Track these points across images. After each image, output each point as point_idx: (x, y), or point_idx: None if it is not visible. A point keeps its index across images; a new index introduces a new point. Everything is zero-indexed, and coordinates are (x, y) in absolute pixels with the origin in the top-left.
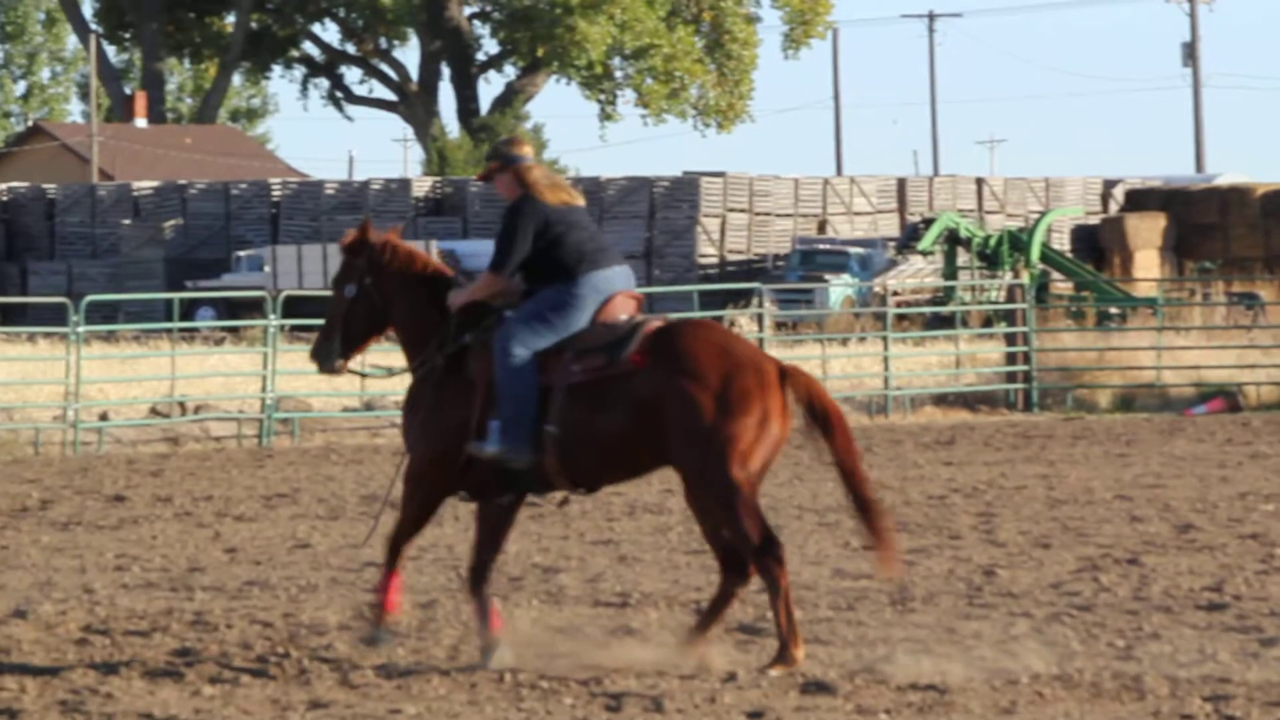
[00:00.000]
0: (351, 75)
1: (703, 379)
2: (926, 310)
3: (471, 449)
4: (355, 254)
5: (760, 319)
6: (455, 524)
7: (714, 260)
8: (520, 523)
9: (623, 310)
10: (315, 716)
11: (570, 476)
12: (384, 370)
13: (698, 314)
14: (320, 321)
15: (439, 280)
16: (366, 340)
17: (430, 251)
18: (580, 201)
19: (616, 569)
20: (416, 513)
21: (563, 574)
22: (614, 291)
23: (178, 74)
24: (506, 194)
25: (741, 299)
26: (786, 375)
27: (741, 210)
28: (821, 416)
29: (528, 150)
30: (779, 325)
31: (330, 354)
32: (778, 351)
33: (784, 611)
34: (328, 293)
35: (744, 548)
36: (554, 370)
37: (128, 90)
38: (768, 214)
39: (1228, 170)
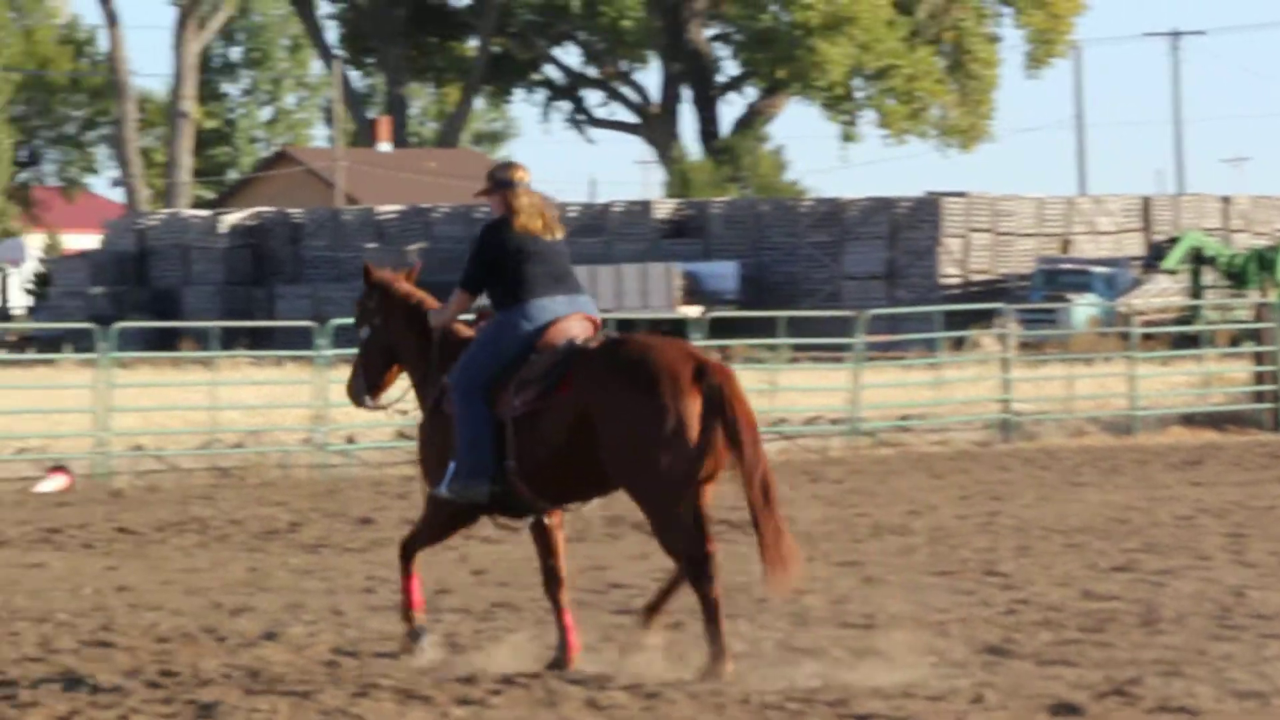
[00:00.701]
0: (593, 98)
1: (617, 397)
2: (1172, 329)
3: (434, 493)
4: (365, 297)
5: (1004, 339)
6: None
7: (957, 280)
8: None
9: (568, 335)
10: None
11: (548, 499)
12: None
13: (939, 334)
14: None
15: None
16: (385, 377)
17: (672, 275)
18: (558, 234)
19: (862, 590)
20: (431, 531)
21: (808, 595)
22: (550, 318)
23: (420, 98)
24: (496, 213)
25: (984, 319)
26: (703, 376)
27: (984, 230)
28: (730, 421)
29: (521, 175)
30: (1023, 345)
31: (359, 391)
32: (1021, 372)
33: (716, 625)
34: None
35: (671, 557)
36: (502, 404)
37: (371, 115)
38: (1011, 234)
39: None
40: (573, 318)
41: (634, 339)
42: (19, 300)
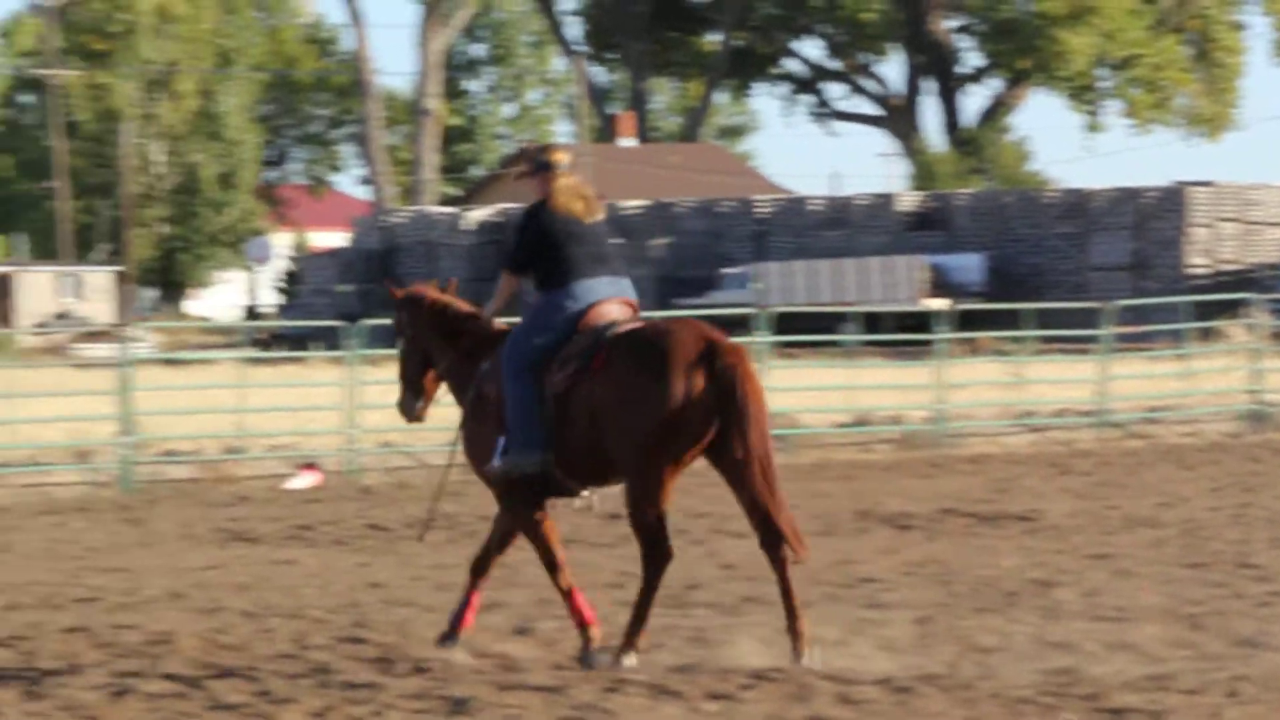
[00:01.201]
0: (835, 91)
1: (624, 378)
2: None
3: (485, 469)
4: (397, 311)
5: (1253, 329)
6: (949, 539)
7: (1204, 270)
8: (1014, 537)
9: (609, 318)
10: None
11: (576, 478)
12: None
13: (1187, 325)
14: (806, 338)
15: (465, 318)
16: (426, 386)
17: (917, 268)
18: (599, 215)
19: (1114, 583)
20: (533, 534)
21: (1060, 589)
22: (595, 299)
23: (663, 93)
24: (536, 196)
25: (1233, 309)
26: (714, 357)
27: (1232, 219)
28: (738, 402)
29: (560, 158)
30: (1273, 335)
31: (409, 405)
32: (1272, 362)
33: (645, 608)
34: (814, 309)
35: (635, 532)
36: (548, 380)
37: (614, 110)
38: (1259, 223)
39: None
40: (614, 300)
41: (653, 323)
42: (268, 298)
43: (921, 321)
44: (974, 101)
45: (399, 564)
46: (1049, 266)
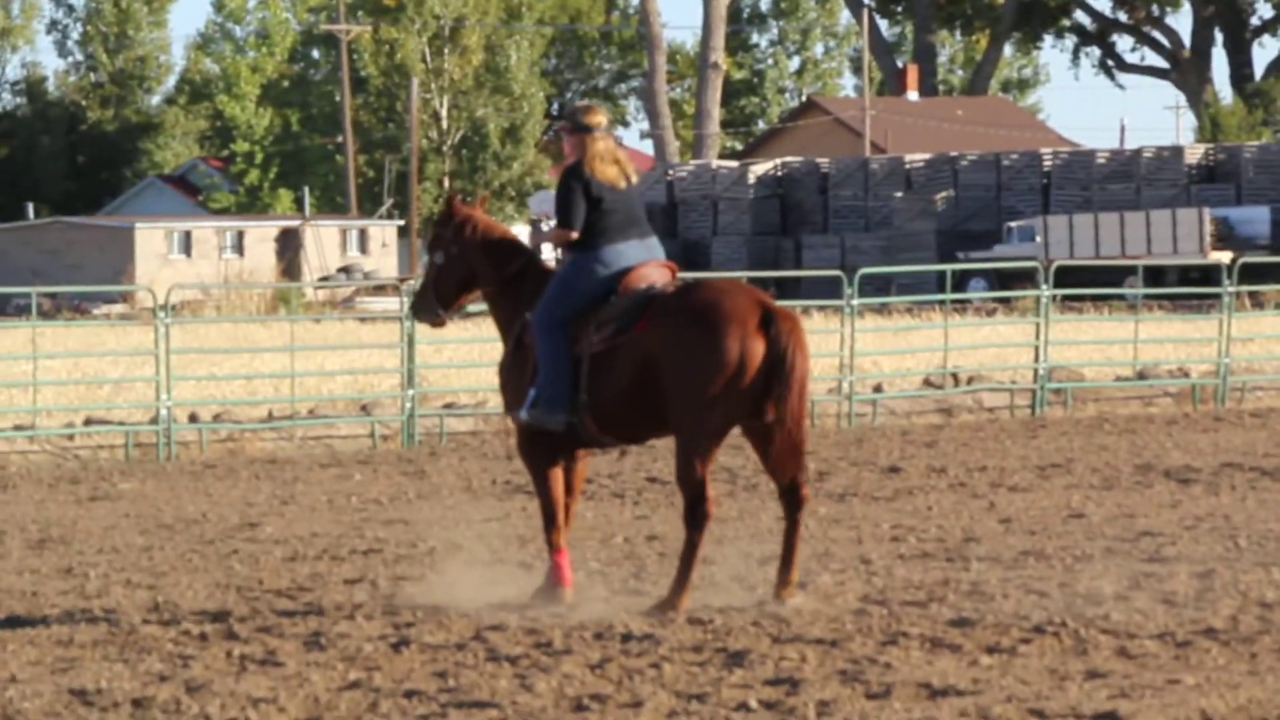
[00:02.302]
0: (1123, 43)
1: (685, 335)
2: None
3: (511, 416)
4: (442, 226)
5: None
6: (1232, 493)
7: None
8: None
9: (649, 280)
10: (1093, 686)
11: (612, 436)
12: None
13: None
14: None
15: (515, 247)
16: (455, 301)
17: (1203, 220)
18: (632, 179)
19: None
20: (542, 484)
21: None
22: (626, 264)
23: (949, 46)
24: (570, 156)
25: None
26: (769, 323)
27: None
28: (786, 369)
29: (599, 120)
30: None
31: (429, 308)
32: None
33: (688, 567)
34: (1099, 262)
35: (683, 494)
36: (581, 341)
37: (899, 63)
38: None
39: None
40: (651, 264)
41: (708, 283)
42: (548, 253)
43: (1206, 274)
44: (1264, 54)
45: (676, 516)
46: None
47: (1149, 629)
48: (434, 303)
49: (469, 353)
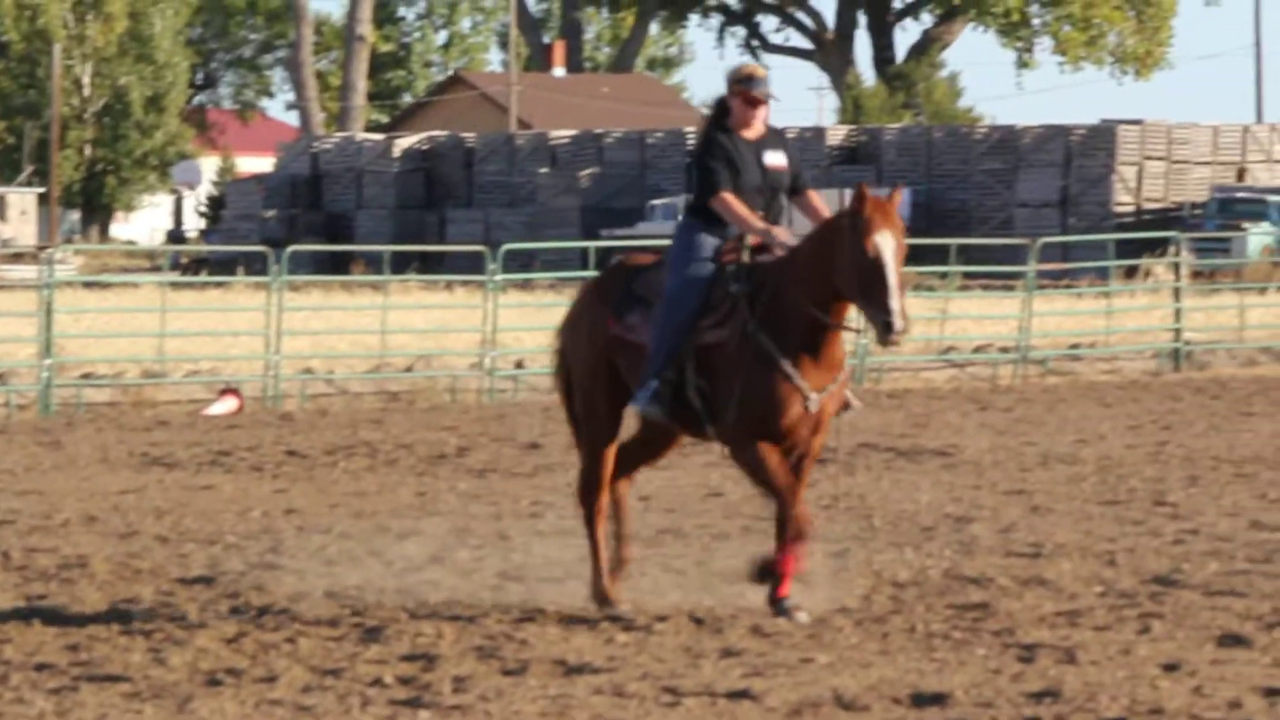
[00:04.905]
0: (768, 23)
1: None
2: None
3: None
4: None
5: (1177, 268)
6: (867, 473)
7: (1130, 209)
8: (932, 473)
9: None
10: (727, 664)
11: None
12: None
13: (1111, 263)
14: None
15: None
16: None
17: (844, 202)
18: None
19: (1029, 519)
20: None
21: (975, 524)
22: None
23: (595, 23)
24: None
25: (1157, 248)
26: None
27: (1159, 158)
28: None
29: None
30: (1195, 274)
31: None
32: (1193, 301)
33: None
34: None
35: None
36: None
37: (546, 39)
38: (1185, 162)
39: None
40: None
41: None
42: (193, 223)
43: None
44: (906, 37)
45: (316, 491)
46: (977, 203)
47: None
48: None
49: (107, 323)
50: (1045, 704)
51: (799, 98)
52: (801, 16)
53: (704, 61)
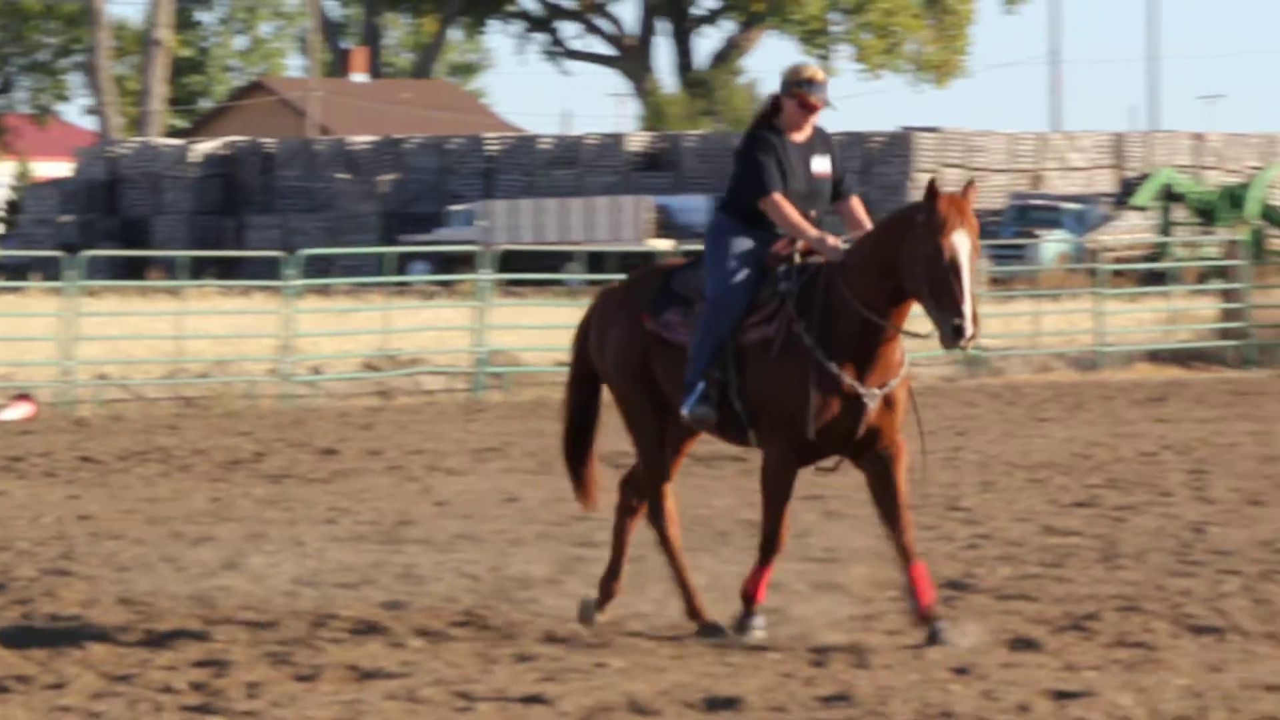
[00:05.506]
0: (569, 30)
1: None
2: (1140, 266)
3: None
4: None
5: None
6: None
7: None
8: (729, 478)
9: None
10: (521, 669)
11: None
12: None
13: None
14: (530, 276)
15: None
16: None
17: (643, 208)
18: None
19: (823, 524)
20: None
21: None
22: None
23: (396, 29)
24: (789, 118)
25: None
26: None
27: (956, 165)
28: None
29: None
30: (992, 280)
31: None
32: (989, 307)
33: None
34: (540, 247)
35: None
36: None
37: (347, 45)
38: (983, 169)
39: None
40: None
41: None
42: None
43: (646, 262)
44: (707, 44)
45: (110, 497)
46: None
47: (578, 613)
48: None
49: None
50: (837, 708)
51: (600, 104)
52: (602, 23)
53: (505, 68)
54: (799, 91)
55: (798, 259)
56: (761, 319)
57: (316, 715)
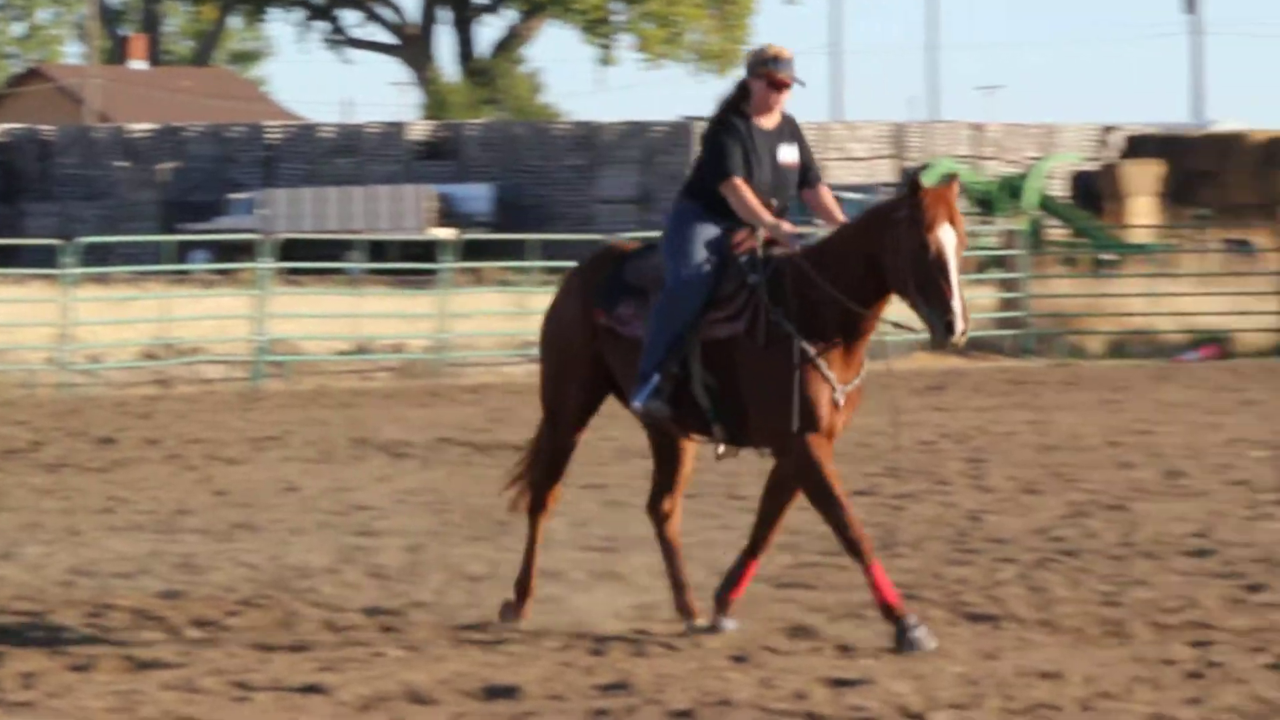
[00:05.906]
0: (350, 18)
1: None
2: None
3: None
4: None
5: None
6: (445, 468)
7: None
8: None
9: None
10: (299, 659)
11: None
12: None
13: None
14: (311, 265)
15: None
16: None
17: (425, 197)
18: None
19: (604, 513)
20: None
21: (551, 518)
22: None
23: (176, 16)
24: (757, 102)
25: None
26: None
27: None
28: None
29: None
30: None
31: None
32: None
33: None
34: (321, 236)
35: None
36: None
37: (126, 32)
38: None
39: (1225, 117)
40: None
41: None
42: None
43: (428, 250)
44: (489, 32)
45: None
46: (557, 198)
47: (357, 602)
48: None
49: None
50: (616, 696)
51: (382, 93)
52: (383, 11)
53: (285, 56)
54: (766, 70)
55: (760, 251)
56: (730, 314)
57: (92, 706)
